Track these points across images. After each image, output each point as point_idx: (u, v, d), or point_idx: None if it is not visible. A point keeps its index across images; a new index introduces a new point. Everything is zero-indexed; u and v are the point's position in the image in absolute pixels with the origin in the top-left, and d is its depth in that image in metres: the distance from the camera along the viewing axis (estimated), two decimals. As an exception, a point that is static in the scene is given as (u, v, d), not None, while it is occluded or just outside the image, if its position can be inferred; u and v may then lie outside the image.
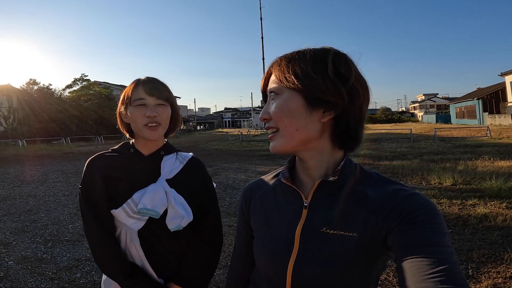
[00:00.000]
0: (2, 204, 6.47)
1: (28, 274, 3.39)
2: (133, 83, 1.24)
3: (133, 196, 1.18)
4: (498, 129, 22.76)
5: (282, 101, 0.75)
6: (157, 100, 1.20)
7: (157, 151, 1.28)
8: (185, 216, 1.19)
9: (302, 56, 0.75)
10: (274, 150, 0.79)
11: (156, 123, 1.19)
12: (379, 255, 0.73)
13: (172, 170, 1.26)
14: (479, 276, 2.99)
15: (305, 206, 0.80)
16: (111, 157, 1.26)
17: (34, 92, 34.56)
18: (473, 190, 6.00)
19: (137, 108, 1.18)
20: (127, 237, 1.21)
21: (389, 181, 0.78)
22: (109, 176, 1.21)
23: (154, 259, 1.23)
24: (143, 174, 1.23)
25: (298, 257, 0.76)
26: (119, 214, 1.18)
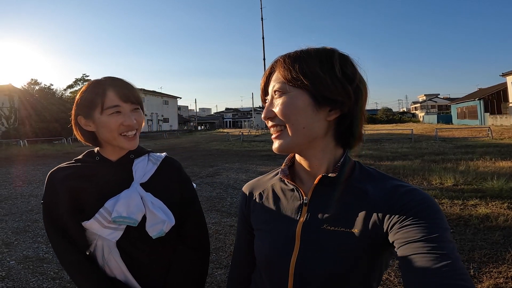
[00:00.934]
0: (3, 204, 6.48)
1: (30, 273, 3.40)
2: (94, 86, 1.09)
3: (105, 205, 1.08)
4: (499, 130, 22.71)
5: (289, 99, 0.74)
6: (133, 105, 1.10)
7: (126, 155, 1.17)
8: (166, 220, 1.10)
9: (307, 55, 0.75)
10: (280, 148, 0.77)
11: (134, 131, 1.11)
12: (381, 252, 0.73)
13: (145, 173, 1.16)
14: (480, 276, 2.99)
15: (305, 203, 0.80)
16: (73, 168, 1.15)
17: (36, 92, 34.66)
18: (474, 190, 5.98)
19: (111, 116, 1.06)
20: (105, 250, 1.11)
21: (389, 178, 0.78)
22: (73, 187, 1.10)
23: (138, 270, 1.13)
24: (113, 181, 1.13)
25: (300, 254, 0.77)
26: (92, 226, 1.08)
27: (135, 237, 1.11)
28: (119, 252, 1.10)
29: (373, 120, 64.30)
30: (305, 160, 0.81)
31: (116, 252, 1.10)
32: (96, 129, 1.10)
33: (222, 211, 5.48)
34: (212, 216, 5.16)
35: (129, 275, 1.11)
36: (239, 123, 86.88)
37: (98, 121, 1.08)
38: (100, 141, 1.14)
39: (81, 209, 1.10)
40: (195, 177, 8.73)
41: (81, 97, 1.10)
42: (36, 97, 32.90)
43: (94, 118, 1.08)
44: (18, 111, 30.36)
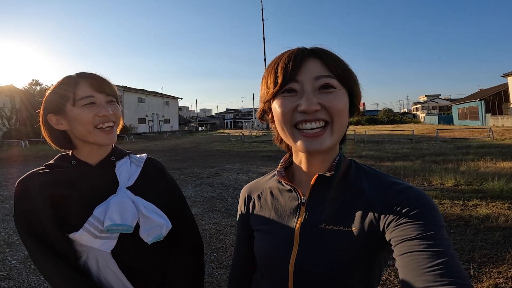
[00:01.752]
0: (5, 204, 6.50)
1: (31, 273, 3.41)
2: (67, 79, 1.03)
3: (94, 213, 0.99)
4: (500, 130, 22.67)
5: (342, 96, 0.74)
6: (107, 97, 1.04)
7: (107, 158, 1.09)
8: (164, 223, 1.04)
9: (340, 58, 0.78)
10: (324, 147, 0.73)
11: (111, 123, 1.03)
12: (379, 250, 0.73)
13: (130, 176, 1.09)
14: (480, 276, 2.99)
15: (303, 203, 0.81)
16: (48, 174, 1.04)
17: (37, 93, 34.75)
18: (475, 191, 5.98)
19: (85, 108, 0.99)
20: (99, 261, 1.01)
21: (384, 175, 0.79)
22: (53, 195, 0.99)
23: (135, 278, 1.06)
24: (96, 187, 1.04)
25: (299, 253, 0.77)
26: (82, 238, 0.98)
27: (129, 245, 1.04)
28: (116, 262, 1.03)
29: (374, 121, 64.15)
30: (310, 160, 0.81)
31: (113, 262, 1.02)
32: (69, 125, 1.03)
33: (222, 211, 5.48)
34: (213, 216, 5.17)
35: (129, 285, 1.04)
36: (240, 123, 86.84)
37: (71, 115, 1.00)
38: (74, 142, 1.06)
39: (63, 219, 0.99)
40: (196, 178, 8.74)
41: (50, 93, 1.04)
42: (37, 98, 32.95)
43: (66, 112, 1.01)
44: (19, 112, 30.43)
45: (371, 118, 66.90)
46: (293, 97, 0.73)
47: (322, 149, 0.73)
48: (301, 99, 0.72)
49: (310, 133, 0.73)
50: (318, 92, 0.72)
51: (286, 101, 0.74)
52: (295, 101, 0.73)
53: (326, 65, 0.73)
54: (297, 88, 0.73)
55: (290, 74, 0.72)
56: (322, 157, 0.80)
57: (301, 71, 0.73)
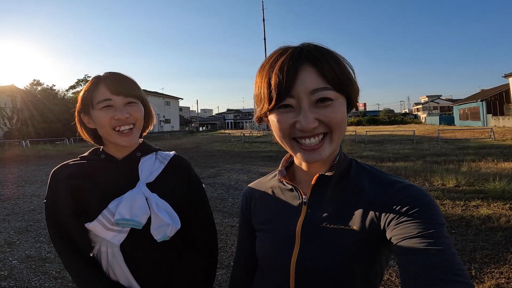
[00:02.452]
0: (6, 203, 6.51)
1: (32, 273, 3.41)
2: (91, 81, 1.07)
3: (109, 206, 1.03)
4: (502, 131, 22.64)
5: (340, 106, 0.72)
6: (126, 99, 1.04)
7: (133, 153, 1.12)
8: (170, 224, 1.04)
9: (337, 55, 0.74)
10: (324, 157, 0.73)
11: (129, 125, 1.05)
12: (381, 249, 0.73)
13: (152, 172, 1.11)
14: (482, 276, 2.99)
15: (304, 202, 0.81)
16: (77, 166, 1.10)
17: (38, 93, 34.84)
18: (476, 191, 5.97)
19: (102, 111, 1.02)
20: (109, 253, 1.05)
21: (385, 174, 0.79)
22: (75, 187, 1.05)
23: (142, 275, 1.08)
24: (117, 180, 1.08)
25: (300, 252, 0.77)
26: (95, 228, 1.02)
27: (139, 240, 1.06)
28: (123, 256, 1.05)
29: (375, 121, 64.09)
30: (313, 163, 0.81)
31: (120, 256, 1.05)
32: (95, 126, 1.07)
33: (223, 211, 5.49)
34: (214, 216, 5.14)
35: (133, 281, 1.06)
36: (241, 124, 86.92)
37: (93, 117, 1.05)
38: (103, 139, 1.11)
39: (84, 210, 1.05)
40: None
41: (82, 94, 1.09)
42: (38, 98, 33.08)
43: (90, 114, 1.05)
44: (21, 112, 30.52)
45: (372, 118, 66.87)
46: (290, 113, 0.71)
47: (322, 159, 0.74)
48: (298, 116, 0.69)
49: (309, 146, 0.72)
50: (315, 106, 0.70)
51: (283, 117, 0.72)
52: (292, 117, 0.70)
53: (321, 74, 0.69)
54: (293, 103, 0.70)
55: (284, 89, 0.69)
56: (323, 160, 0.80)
57: (296, 84, 0.69)
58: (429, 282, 0.55)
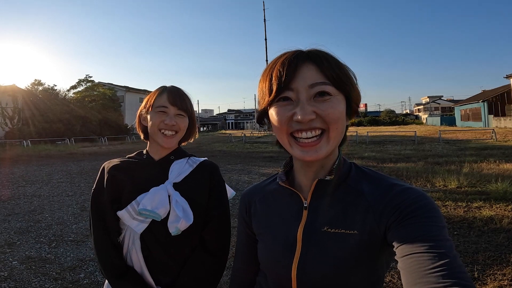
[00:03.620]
0: (6, 204, 6.50)
1: (32, 274, 3.40)
2: (158, 89, 1.27)
3: (137, 198, 1.19)
4: (503, 132, 22.62)
5: (338, 103, 0.72)
6: (178, 111, 1.23)
7: (167, 156, 1.28)
8: (181, 218, 1.16)
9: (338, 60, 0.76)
10: (320, 156, 0.72)
11: (173, 132, 1.22)
12: (382, 252, 0.73)
13: (180, 173, 1.26)
14: (484, 278, 2.97)
15: (305, 207, 0.81)
16: (122, 162, 1.29)
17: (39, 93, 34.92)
18: (478, 192, 5.96)
19: (157, 114, 1.22)
20: (130, 240, 1.21)
21: (384, 177, 0.78)
22: (114, 177, 1.24)
23: (154, 265, 1.20)
24: (150, 178, 1.24)
25: (302, 257, 0.77)
26: (124, 216, 1.19)
27: (157, 232, 1.19)
28: (140, 244, 1.20)
29: (376, 122, 64.18)
30: (309, 164, 0.81)
31: (138, 244, 1.20)
32: (148, 123, 1.24)
33: (224, 212, 5.46)
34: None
35: (145, 268, 1.19)
36: (242, 124, 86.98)
37: (150, 116, 1.23)
38: (149, 138, 1.29)
39: (119, 199, 1.22)
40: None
41: (148, 96, 1.28)
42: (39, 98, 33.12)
43: (149, 113, 1.24)
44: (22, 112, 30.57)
45: (373, 119, 66.96)
46: (288, 106, 0.72)
47: (318, 158, 0.73)
48: (296, 108, 0.71)
49: (305, 142, 0.72)
50: (314, 100, 0.71)
51: (282, 110, 0.73)
52: (291, 110, 0.72)
53: (321, 71, 0.71)
54: (292, 96, 0.72)
55: (284, 82, 0.71)
56: (322, 161, 0.80)
57: (296, 78, 0.71)
58: (431, 285, 0.54)
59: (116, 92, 42.60)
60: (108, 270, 1.20)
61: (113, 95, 41.01)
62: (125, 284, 1.17)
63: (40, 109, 31.01)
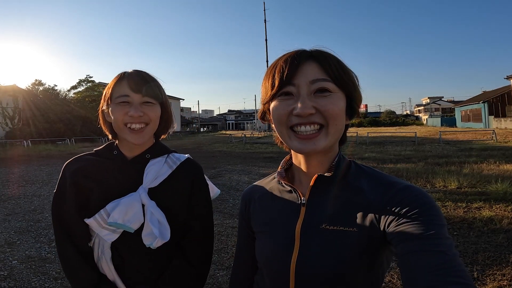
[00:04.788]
0: (6, 203, 6.51)
1: (32, 273, 3.41)
2: (117, 76, 1.07)
3: (106, 207, 1.04)
4: (504, 133, 22.61)
5: (337, 99, 0.74)
6: (144, 98, 1.04)
7: (142, 154, 1.11)
8: (157, 237, 1.02)
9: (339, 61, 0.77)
10: (318, 148, 0.73)
11: (141, 124, 1.04)
12: (381, 250, 0.73)
13: (157, 176, 1.08)
14: (484, 278, 2.97)
15: (303, 203, 0.81)
16: (88, 161, 1.12)
17: (40, 93, 34.89)
18: (478, 193, 5.96)
19: (119, 105, 1.03)
20: (99, 248, 1.08)
21: (384, 175, 0.78)
22: (79, 183, 1.08)
23: (128, 274, 1.08)
24: (121, 181, 1.08)
25: (300, 254, 0.77)
26: (92, 224, 1.05)
27: (130, 242, 1.06)
28: (111, 254, 1.07)
29: (376, 123, 64.13)
30: (308, 161, 0.81)
31: (108, 254, 1.06)
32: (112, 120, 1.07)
33: (224, 212, 5.48)
34: (215, 217, 5.10)
35: (117, 277, 1.06)
36: (242, 125, 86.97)
37: (111, 110, 1.05)
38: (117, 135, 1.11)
39: (86, 205, 1.08)
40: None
41: (107, 87, 1.10)
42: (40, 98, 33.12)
43: (109, 107, 1.06)
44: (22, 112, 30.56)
45: (373, 120, 66.95)
46: (289, 100, 0.74)
47: (316, 150, 0.74)
48: (296, 103, 0.72)
49: (304, 135, 0.73)
50: (314, 95, 0.73)
51: (282, 104, 0.75)
52: (291, 105, 0.73)
53: (323, 68, 0.73)
54: (293, 91, 0.73)
55: (286, 77, 0.73)
56: (321, 158, 0.80)
57: (298, 74, 0.73)
58: (430, 284, 0.55)
59: (116, 92, 42.49)
60: (74, 285, 1.08)
61: (114, 95, 40.92)
62: None
63: (41, 109, 30.99)
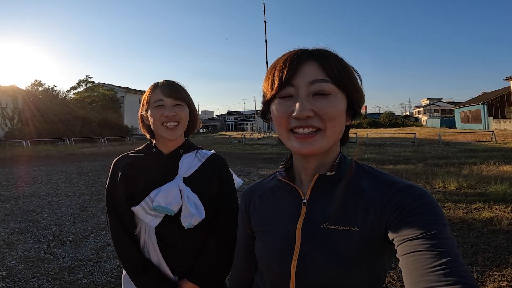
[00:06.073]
0: (5, 204, 6.49)
1: (31, 274, 3.39)
2: (152, 86, 1.30)
3: (150, 194, 1.22)
4: (503, 134, 22.63)
5: (337, 101, 0.72)
6: (174, 101, 1.25)
7: (176, 150, 1.31)
8: (195, 215, 1.20)
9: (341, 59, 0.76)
10: (314, 150, 0.73)
11: (175, 123, 1.25)
12: (382, 250, 0.72)
13: (190, 168, 1.29)
14: (484, 279, 2.97)
15: (303, 202, 0.80)
16: (133, 157, 1.32)
17: (39, 93, 34.80)
18: (478, 194, 5.96)
19: (156, 109, 1.24)
20: (146, 233, 1.26)
21: (385, 175, 0.78)
22: (127, 175, 1.27)
23: (170, 256, 1.25)
24: (161, 173, 1.27)
25: (301, 254, 0.76)
26: (138, 211, 1.23)
27: (171, 226, 1.24)
28: (156, 237, 1.24)
29: (375, 124, 64.15)
30: (309, 161, 0.80)
31: (154, 237, 1.24)
32: (150, 121, 1.27)
33: (223, 213, 5.46)
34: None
35: (162, 259, 1.24)
36: (241, 126, 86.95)
37: (150, 114, 1.26)
38: (155, 134, 1.31)
39: (132, 195, 1.25)
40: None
41: (144, 96, 1.31)
42: (39, 98, 33.06)
43: (148, 111, 1.27)
44: (22, 112, 30.53)
45: (373, 121, 66.98)
46: (288, 102, 0.73)
47: (314, 151, 0.73)
48: (295, 104, 0.71)
49: (302, 135, 0.73)
50: (313, 97, 0.71)
51: (281, 105, 0.74)
52: (290, 106, 0.72)
53: (323, 68, 0.72)
54: (292, 92, 0.73)
55: (285, 78, 0.72)
56: (321, 158, 0.79)
57: (297, 75, 0.72)
58: (432, 284, 0.54)
59: (116, 93, 42.49)
60: (127, 265, 1.25)
61: (113, 96, 40.89)
62: (145, 278, 1.22)
63: (40, 110, 30.95)
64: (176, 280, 1.26)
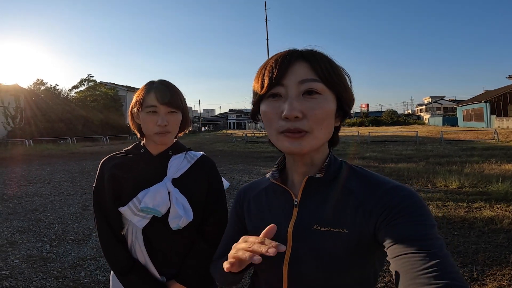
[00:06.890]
0: (8, 203, 6.53)
1: (33, 272, 3.42)
2: (146, 86, 1.25)
3: (138, 195, 1.22)
4: (505, 132, 22.52)
5: (325, 102, 0.72)
6: (169, 108, 1.22)
7: (165, 151, 1.30)
8: (183, 216, 1.20)
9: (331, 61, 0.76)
10: (304, 149, 0.72)
11: (167, 132, 1.23)
12: (373, 251, 0.72)
13: (178, 169, 1.28)
14: (484, 278, 2.97)
15: (295, 204, 0.80)
16: (121, 158, 1.31)
17: (41, 92, 34.84)
18: (479, 193, 5.95)
19: (148, 115, 1.21)
20: (133, 234, 1.25)
21: (374, 175, 0.78)
22: (115, 176, 1.26)
23: (157, 257, 1.25)
24: (150, 174, 1.26)
25: (292, 255, 0.77)
26: (125, 212, 1.22)
27: (158, 227, 1.23)
28: (143, 238, 1.24)
29: (377, 122, 63.85)
30: (299, 161, 0.81)
31: (141, 238, 1.24)
32: (141, 123, 1.26)
33: (225, 211, 5.47)
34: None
35: (148, 260, 1.24)
36: (243, 124, 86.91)
37: (141, 118, 1.24)
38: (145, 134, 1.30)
39: (120, 196, 1.25)
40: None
41: (137, 94, 1.27)
42: (41, 97, 33.08)
43: (140, 113, 1.24)
44: (24, 111, 30.55)
45: (374, 119, 66.65)
46: (278, 102, 0.73)
47: (303, 151, 0.73)
48: (284, 104, 0.71)
49: (291, 135, 0.72)
50: (303, 97, 0.71)
51: (271, 106, 0.74)
52: (279, 107, 0.72)
53: (313, 68, 0.72)
54: (282, 92, 0.72)
55: (275, 78, 0.72)
56: (311, 159, 0.80)
57: (287, 75, 0.72)
58: (423, 286, 0.54)
59: (118, 91, 42.44)
60: (114, 267, 1.26)
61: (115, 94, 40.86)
62: (132, 278, 1.23)
63: (42, 109, 30.95)
64: (163, 281, 1.26)
